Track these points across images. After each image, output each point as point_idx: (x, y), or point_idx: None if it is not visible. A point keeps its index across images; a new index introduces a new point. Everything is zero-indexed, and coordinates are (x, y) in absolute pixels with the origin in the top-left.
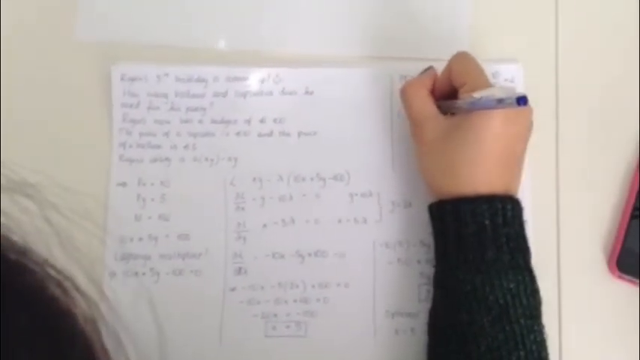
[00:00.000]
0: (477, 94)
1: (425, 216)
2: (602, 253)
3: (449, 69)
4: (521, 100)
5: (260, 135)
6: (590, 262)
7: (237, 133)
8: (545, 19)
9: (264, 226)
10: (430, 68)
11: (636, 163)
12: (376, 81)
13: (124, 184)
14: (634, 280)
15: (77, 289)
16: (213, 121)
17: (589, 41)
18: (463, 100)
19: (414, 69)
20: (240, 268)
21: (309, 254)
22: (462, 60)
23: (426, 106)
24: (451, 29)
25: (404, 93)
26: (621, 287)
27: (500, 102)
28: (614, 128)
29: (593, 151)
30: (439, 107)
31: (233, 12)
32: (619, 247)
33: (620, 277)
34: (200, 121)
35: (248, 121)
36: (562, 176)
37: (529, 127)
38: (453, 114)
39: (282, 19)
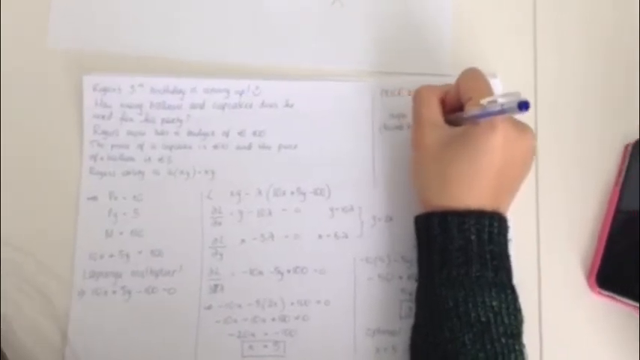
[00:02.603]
0: (482, 101)
1: (406, 231)
2: (582, 270)
3: (457, 84)
4: (523, 105)
5: (239, 148)
6: (570, 280)
7: (215, 146)
8: (524, 35)
9: (242, 241)
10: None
11: (615, 179)
12: (357, 95)
13: (94, 199)
14: (613, 296)
15: None
16: (190, 134)
17: (567, 56)
18: (469, 110)
19: (396, 84)
20: (216, 286)
21: (289, 270)
22: (470, 76)
23: (434, 112)
24: (432, 44)
25: (417, 95)
26: (601, 304)
27: (503, 108)
28: (593, 145)
29: (572, 167)
30: (447, 121)
31: (212, 23)
32: (598, 264)
33: (599, 293)
34: (176, 133)
35: (226, 134)
36: (542, 192)
37: (529, 152)
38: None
39: (262, 31)
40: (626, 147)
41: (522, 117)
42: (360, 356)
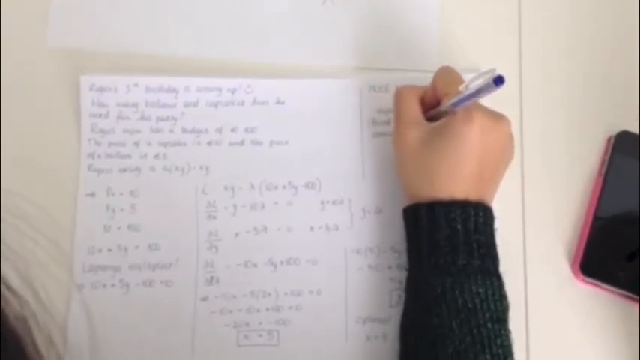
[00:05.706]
0: (460, 88)
1: (395, 222)
2: (566, 257)
3: (434, 83)
4: (498, 81)
5: (231, 144)
6: (555, 267)
7: (209, 143)
8: (509, 31)
9: (236, 234)
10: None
11: (598, 168)
12: (346, 91)
13: (92, 195)
14: (597, 283)
15: (8, 288)
16: (184, 131)
17: (552, 50)
18: (447, 101)
19: (384, 80)
20: (212, 278)
21: (282, 262)
22: (445, 72)
23: (414, 110)
24: (420, 41)
25: (397, 95)
26: (585, 291)
27: (479, 88)
28: (577, 136)
29: (557, 157)
30: (427, 118)
31: (205, 22)
32: (582, 251)
33: (584, 280)
34: (171, 131)
35: (219, 130)
36: (527, 183)
37: (507, 140)
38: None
39: (253, 29)
40: (609, 139)
41: (508, 111)
42: (352, 344)
